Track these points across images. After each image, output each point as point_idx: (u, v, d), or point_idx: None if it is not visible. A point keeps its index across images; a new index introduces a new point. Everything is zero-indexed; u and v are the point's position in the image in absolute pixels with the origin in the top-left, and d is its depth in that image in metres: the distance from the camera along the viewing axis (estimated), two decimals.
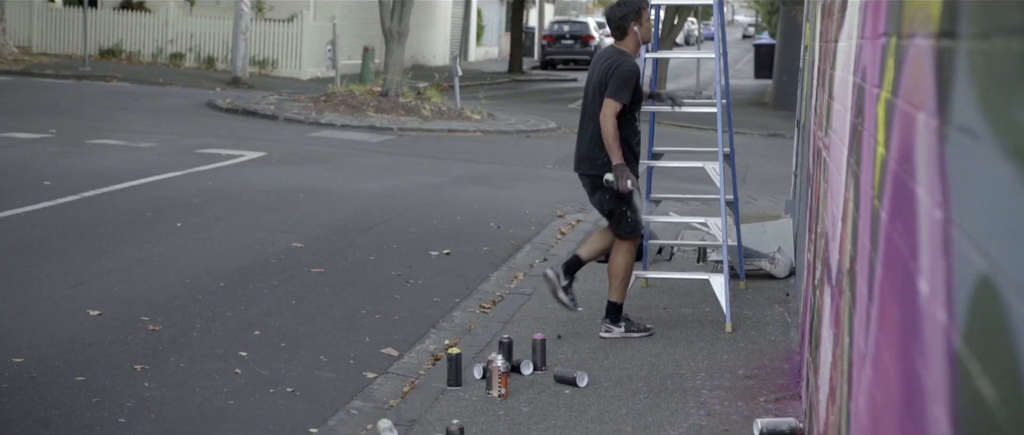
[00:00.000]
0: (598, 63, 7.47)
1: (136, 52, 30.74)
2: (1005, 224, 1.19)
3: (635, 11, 7.46)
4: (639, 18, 7.45)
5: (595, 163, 7.35)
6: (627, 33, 7.45)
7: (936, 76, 1.74)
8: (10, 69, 25.78)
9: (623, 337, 7.39)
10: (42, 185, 11.73)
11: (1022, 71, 1.16)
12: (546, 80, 41.27)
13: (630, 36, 7.46)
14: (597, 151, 7.35)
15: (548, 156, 17.34)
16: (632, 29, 7.44)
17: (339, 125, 19.72)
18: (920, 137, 1.85)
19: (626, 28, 7.44)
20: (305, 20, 30.72)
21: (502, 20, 56.38)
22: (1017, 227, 1.14)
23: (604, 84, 7.28)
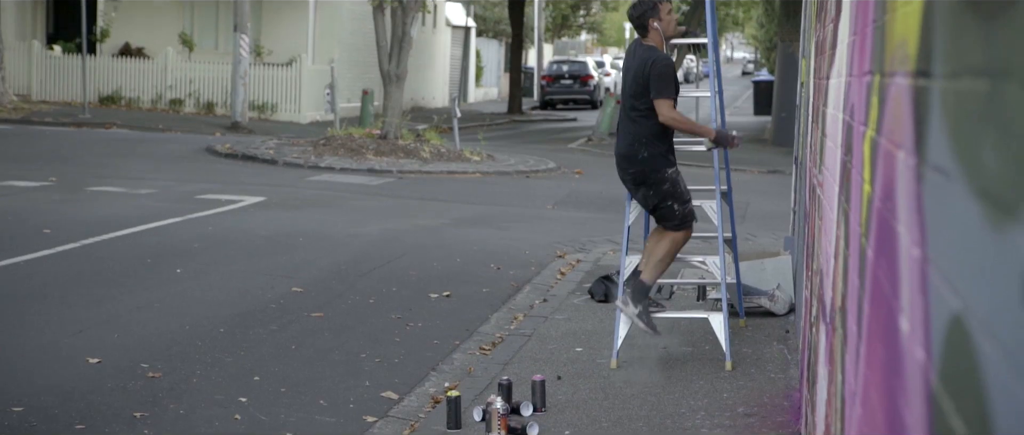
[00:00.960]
0: (630, 61, 7.69)
1: (135, 98, 30.84)
2: (974, 264, 1.20)
3: (652, 6, 7.60)
4: (657, 13, 7.60)
5: (635, 160, 7.52)
6: (649, 29, 7.61)
7: (913, 115, 1.75)
8: (10, 117, 25.86)
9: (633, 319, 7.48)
10: (42, 233, 11.75)
11: (988, 112, 1.18)
12: (545, 120, 41.37)
13: (652, 32, 7.61)
14: (637, 147, 7.53)
15: (548, 196, 17.37)
16: (652, 25, 7.58)
17: (338, 168, 19.76)
18: (900, 175, 1.86)
19: (647, 24, 7.61)
20: (304, 64, 30.84)
21: (501, 61, 56.59)
22: (984, 267, 1.15)
23: (641, 85, 7.46)
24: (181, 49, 31.85)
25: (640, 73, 7.49)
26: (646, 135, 7.47)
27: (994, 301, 1.11)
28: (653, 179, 7.48)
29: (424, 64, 41.64)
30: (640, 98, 7.50)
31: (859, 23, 3.20)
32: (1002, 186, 1.09)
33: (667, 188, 7.50)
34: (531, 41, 56.21)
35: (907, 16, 1.92)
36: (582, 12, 63.06)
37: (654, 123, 7.48)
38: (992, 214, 1.13)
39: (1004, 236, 1.08)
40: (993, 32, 1.17)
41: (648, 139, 7.48)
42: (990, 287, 1.13)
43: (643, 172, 7.50)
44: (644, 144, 7.48)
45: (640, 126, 7.50)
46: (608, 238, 13.24)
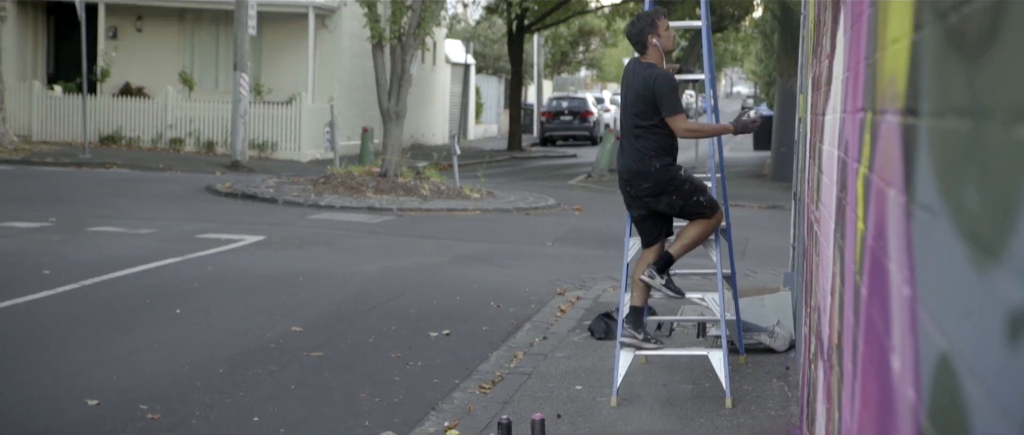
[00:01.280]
0: (629, 80, 7.77)
1: (136, 138, 30.89)
2: (960, 304, 1.20)
3: (650, 23, 7.68)
4: (655, 29, 7.68)
5: (649, 174, 7.68)
6: (648, 46, 7.68)
7: (903, 153, 1.75)
8: (10, 158, 25.89)
9: (660, 288, 7.73)
10: (41, 274, 11.74)
11: (970, 152, 1.17)
12: (545, 157, 41.42)
13: (651, 49, 7.69)
14: (648, 161, 7.68)
15: (547, 233, 17.37)
16: (651, 42, 7.66)
17: (338, 207, 19.77)
18: (891, 213, 1.86)
19: (645, 41, 7.68)
20: (304, 102, 30.91)
21: (500, 97, 56.72)
22: (969, 307, 1.15)
23: (646, 102, 7.55)
24: (181, 88, 31.93)
25: (644, 91, 7.60)
26: (654, 148, 7.63)
27: (978, 342, 1.11)
28: (673, 185, 7.69)
29: (424, 101, 41.74)
30: (644, 116, 7.62)
31: (852, 60, 3.21)
32: (984, 227, 1.09)
33: (688, 188, 7.75)
34: (530, 78, 56.36)
35: (896, 54, 1.93)
36: (581, 48, 63.24)
37: (661, 136, 7.62)
38: (976, 255, 1.13)
39: (987, 277, 1.07)
40: (975, 72, 1.18)
41: (657, 152, 7.64)
42: (974, 328, 1.13)
43: (661, 183, 7.67)
44: (654, 156, 7.65)
45: (646, 141, 7.65)
46: (608, 275, 13.23)
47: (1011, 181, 0.98)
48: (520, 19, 40.74)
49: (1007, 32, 1.04)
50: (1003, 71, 1.05)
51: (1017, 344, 0.95)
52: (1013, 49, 1.01)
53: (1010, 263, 0.98)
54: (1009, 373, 0.96)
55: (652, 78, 7.59)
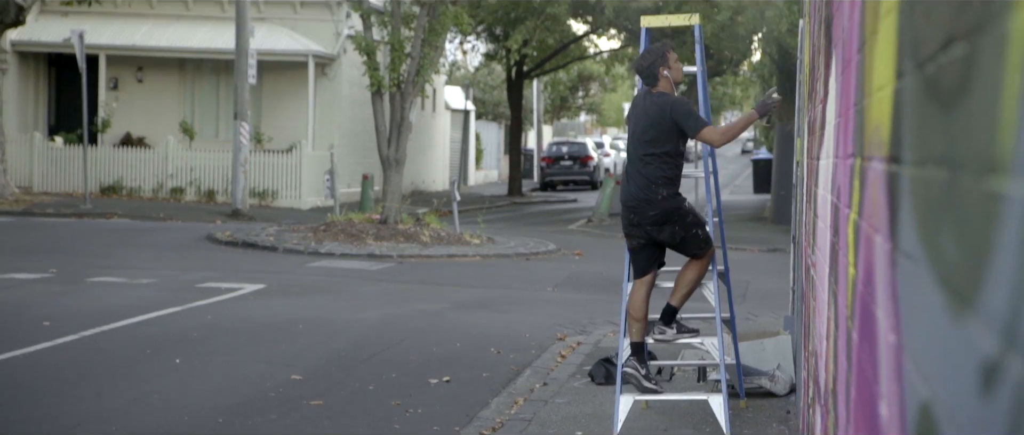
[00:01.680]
0: (639, 109, 7.88)
1: (137, 188, 30.95)
2: (939, 353, 1.20)
3: (661, 55, 7.84)
4: (666, 61, 7.84)
5: (655, 201, 7.76)
6: (659, 79, 7.82)
7: (888, 200, 1.76)
8: (11, 209, 25.92)
9: (674, 339, 7.83)
10: (41, 325, 11.73)
11: (947, 201, 1.18)
12: (545, 202, 41.48)
13: (662, 80, 7.83)
14: (655, 189, 7.77)
15: (548, 279, 17.36)
16: (662, 74, 7.82)
17: (339, 254, 19.77)
18: (878, 260, 1.87)
19: (656, 73, 7.83)
20: (304, 150, 30.99)
21: (500, 143, 56.85)
22: (947, 355, 1.15)
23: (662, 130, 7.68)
24: (182, 138, 32.02)
25: (660, 118, 7.72)
26: (661, 177, 7.74)
27: (956, 392, 1.11)
28: (676, 215, 7.78)
29: (424, 148, 41.84)
30: (656, 143, 7.73)
31: (843, 105, 3.22)
32: (960, 277, 1.09)
33: (690, 220, 7.87)
34: (530, 123, 56.52)
35: (881, 101, 1.94)
36: (581, 93, 63.45)
37: (668, 166, 7.75)
38: (953, 304, 1.13)
39: (962, 328, 1.08)
40: (950, 122, 1.18)
41: (664, 181, 7.74)
42: (953, 378, 1.13)
43: (666, 212, 7.76)
44: (661, 185, 7.75)
45: (654, 169, 7.76)
46: (608, 320, 13.21)
47: (983, 232, 0.99)
48: (519, 65, 40.91)
49: (978, 83, 1.04)
50: (975, 122, 1.05)
51: (990, 394, 0.95)
52: (984, 101, 1.02)
53: (983, 314, 0.98)
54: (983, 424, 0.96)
55: (668, 105, 7.73)
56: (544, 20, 35.11)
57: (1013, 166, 0.88)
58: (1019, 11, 0.87)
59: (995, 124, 0.96)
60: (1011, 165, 0.89)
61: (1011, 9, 0.90)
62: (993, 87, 0.98)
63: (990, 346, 0.95)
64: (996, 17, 0.96)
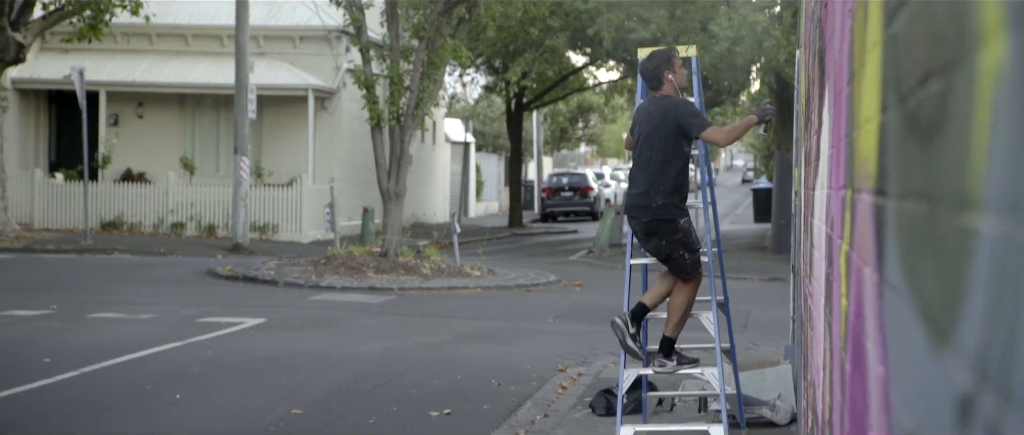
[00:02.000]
0: (644, 114, 7.85)
1: (137, 223, 30.97)
2: (921, 386, 1.21)
3: (666, 59, 7.82)
4: (671, 66, 7.81)
5: (649, 208, 7.70)
6: (663, 82, 7.79)
7: (875, 233, 1.77)
8: (12, 246, 25.92)
9: (674, 371, 7.79)
10: (42, 362, 11.71)
11: (928, 234, 1.19)
12: (546, 233, 41.48)
13: (666, 84, 7.80)
14: (652, 195, 7.73)
15: (548, 310, 17.34)
16: (667, 78, 7.79)
17: (339, 287, 19.76)
18: (867, 292, 1.87)
19: (661, 77, 7.80)
20: (304, 184, 31.02)
21: (501, 175, 56.89)
22: (929, 389, 1.16)
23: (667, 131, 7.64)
24: (182, 173, 32.07)
25: (665, 121, 7.66)
26: (662, 183, 7.67)
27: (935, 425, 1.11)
28: (666, 229, 7.70)
29: (424, 180, 41.87)
30: (660, 147, 7.67)
31: (835, 136, 3.23)
32: (938, 311, 1.10)
33: (679, 238, 7.75)
34: (530, 154, 56.59)
35: (868, 133, 1.95)
36: (580, 124, 63.55)
37: (671, 174, 7.67)
38: (932, 338, 1.14)
39: (940, 361, 1.08)
40: (929, 156, 1.19)
41: (664, 189, 7.68)
42: (934, 412, 1.13)
43: (655, 222, 7.71)
44: (659, 193, 7.70)
45: (655, 174, 7.70)
46: (609, 351, 13.19)
47: (958, 268, 0.99)
48: (518, 97, 40.99)
49: (952, 119, 1.05)
50: (950, 158, 1.06)
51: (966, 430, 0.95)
52: (957, 137, 1.02)
53: (958, 349, 0.99)
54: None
55: (671, 107, 7.72)
56: (543, 52, 35.20)
57: (983, 203, 0.88)
58: (988, 48, 0.88)
59: (967, 161, 0.97)
60: (982, 202, 0.89)
61: (980, 46, 0.91)
62: (965, 123, 0.99)
63: (965, 381, 0.95)
64: (967, 54, 0.97)
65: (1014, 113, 0.81)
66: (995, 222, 0.83)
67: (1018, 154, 0.79)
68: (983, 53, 0.91)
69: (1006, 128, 0.83)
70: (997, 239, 0.83)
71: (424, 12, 22.30)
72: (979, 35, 0.92)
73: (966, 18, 0.96)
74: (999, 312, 0.83)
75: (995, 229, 0.84)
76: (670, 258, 7.82)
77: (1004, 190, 0.81)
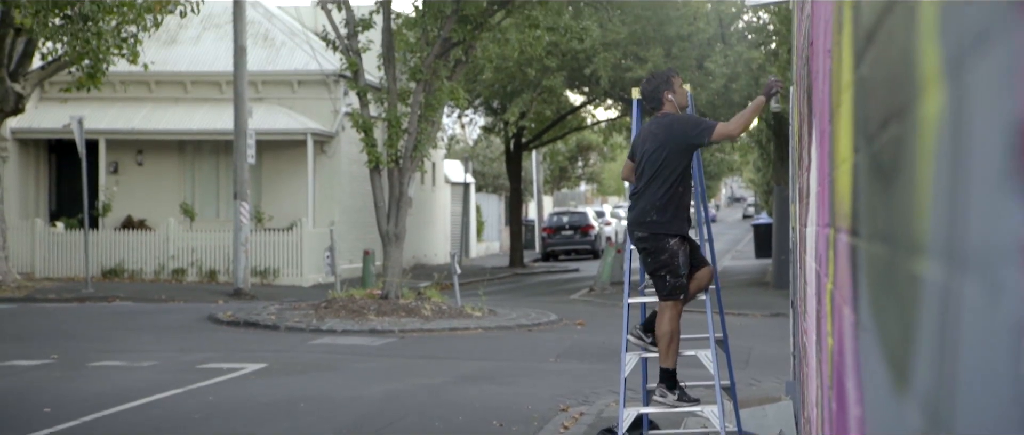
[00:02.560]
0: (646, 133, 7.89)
1: (138, 270, 30.98)
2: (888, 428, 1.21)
3: (665, 80, 7.89)
4: (671, 86, 7.88)
5: (644, 223, 7.84)
6: (663, 103, 7.85)
7: (851, 272, 1.78)
8: (13, 296, 25.92)
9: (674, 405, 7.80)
10: (42, 413, 11.69)
11: (890, 276, 1.20)
12: (547, 272, 41.45)
13: (666, 104, 7.86)
14: (648, 211, 7.81)
15: (550, 349, 17.32)
16: (667, 98, 7.86)
17: (340, 331, 19.74)
18: (846, 331, 1.88)
19: (660, 98, 7.87)
20: (304, 228, 31.05)
21: (501, 214, 56.94)
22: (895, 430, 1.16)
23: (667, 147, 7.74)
24: (182, 219, 32.11)
25: (667, 139, 7.78)
26: (657, 201, 7.73)
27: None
28: (655, 247, 7.77)
29: (425, 222, 41.91)
30: (661, 165, 7.74)
31: (821, 174, 3.25)
32: (900, 353, 1.11)
33: (665, 259, 7.80)
34: (530, 194, 56.65)
35: (844, 174, 1.96)
36: (580, 163, 63.64)
37: (668, 191, 7.72)
38: (895, 381, 1.15)
39: (900, 405, 1.09)
40: (888, 198, 1.20)
41: (662, 206, 7.73)
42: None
43: (647, 238, 7.76)
44: (655, 208, 7.77)
45: (654, 192, 7.78)
46: (611, 389, 13.17)
47: (911, 311, 1.00)
48: (517, 137, 41.08)
49: (905, 164, 1.07)
50: (904, 202, 1.08)
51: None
52: (909, 181, 1.04)
53: (913, 393, 0.99)
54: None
55: (674, 123, 7.79)
56: (541, 92, 35.31)
57: (928, 248, 0.90)
58: (928, 97, 0.89)
59: (914, 206, 0.98)
60: (927, 247, 0.91)
61: (922, 94, 0.92)
62: (914, 169, 1.00)
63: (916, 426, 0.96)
64: (913, 101, 0.98)
65: (950, 162, 0.82)
66: (937, 268, 0.84)
67: (953, 203, 0.80)
68: (925, 101, 0.92)
69: (944, 176, 0.84)
70: (938, 285, 0.84)
71: (420, 55, 22.38)
72: (921, 83, 0.93)
73: (912, 65, 0.98)
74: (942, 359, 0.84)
75: (937, 275, 0.85)
76: (655, 274, 7.92)
77: (943, 236, 0.82)
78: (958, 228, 0.78)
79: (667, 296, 7.89)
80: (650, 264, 7.87)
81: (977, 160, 0.73)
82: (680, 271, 7.87)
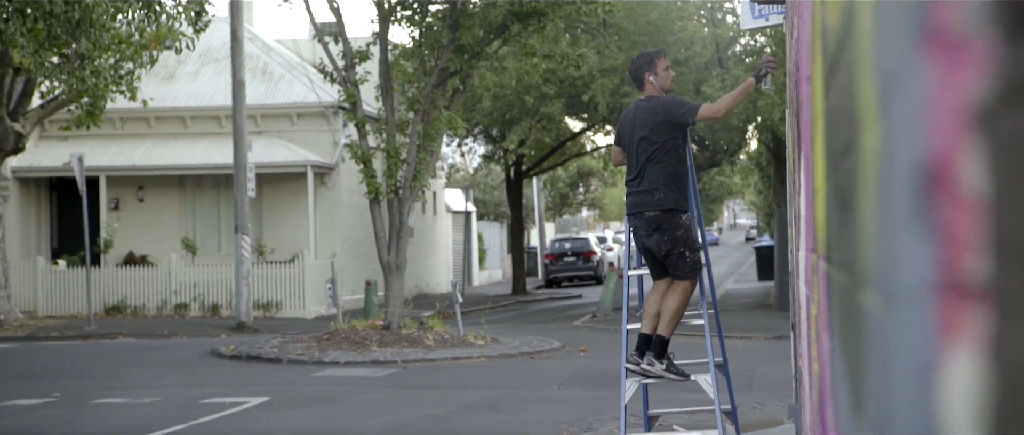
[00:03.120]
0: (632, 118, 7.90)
1: (141, 306, 30.98)
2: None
3: (648, 61, 7.91)
4: (653, 67, 7.89)
5: (652, 203, 7.71)
6: (645, 83, 7.87)
7: (827, 299, 1.79)
8: (16, 335, 25.92)
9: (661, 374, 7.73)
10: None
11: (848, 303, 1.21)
12: (550, 299, 41.43)
13: (648, 85, 7.88)
14: (652, 190, 7.78)
15: (553, 376, 17.30)
16: (648, 79, 7.88)
17: (343, 362, 19.73)
18: (825, 357, 1.89)
19: (643, 79, 7.90)
20: (306, 260, 31.07)
21: (503, 242, 56.96)
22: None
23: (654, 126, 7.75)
24: (184, 254, 32.13)
25: (651, 120, 7.77)
26: (662, 177, 7.70)
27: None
28: (669, 223, 7.71)
29: (426, 251, 41.91)
30: (653, 142, 7.73)
31: (808, 199, 3.27)
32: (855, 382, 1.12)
33: (681, 234, 7.76)
34: (532, 221, 56.67)
35: (820, 201, 1.98)
36: (581, 189, 63.69)
37: (669, 165, 7.72)
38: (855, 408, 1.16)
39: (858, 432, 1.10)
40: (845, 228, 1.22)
41: (664, 181, 7.71)
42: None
43: (659, 216, 7.70)
44: (659, 186, 7.72)
45: (655, 170, 7.76)
46: (614, 415, 13.13)
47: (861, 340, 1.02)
48: (517, 165, 41.12)
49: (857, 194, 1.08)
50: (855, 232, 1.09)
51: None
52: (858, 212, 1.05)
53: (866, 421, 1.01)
54: None
55: (657, 106, 7.81)
56: (539, 120, 35.37)
57: (871, 280, 0.91)
58: (867, 132, 0.91)
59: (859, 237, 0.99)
60: (870, 279, 0.92)
61: (863, 129, 0.94)
62: (860, 202, 1.02)
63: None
64: (857, 134, 1.00)
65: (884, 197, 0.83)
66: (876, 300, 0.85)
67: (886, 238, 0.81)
68: (865, 136, 0.93)
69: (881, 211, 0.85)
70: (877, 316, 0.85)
71: (418, 85, 22.44)
72: (862, 117, 0.95)
73: (855, 99, 0.99)
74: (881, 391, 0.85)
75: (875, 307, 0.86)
76: (670, 254, 7.84)
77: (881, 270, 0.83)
78: (889, 263, 0.79)
79: (689, 272, 7.88)
80: (666, 243, 7.82)
81: (897, 197, 0.74)
82: (696, 244, 7.90)
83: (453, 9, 22.02)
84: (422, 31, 22.53)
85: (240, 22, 26.45)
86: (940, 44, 0.58)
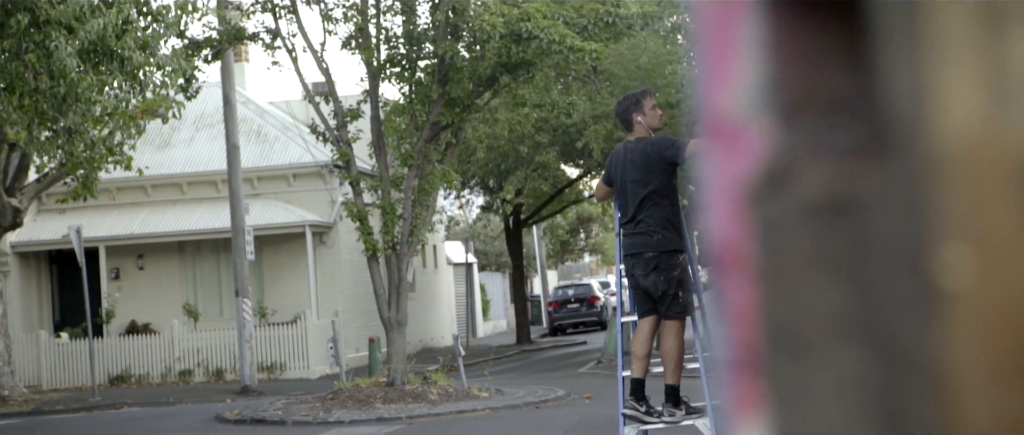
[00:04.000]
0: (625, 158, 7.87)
1: (145, 374, 30.94)
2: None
3: (635, 101, 7.89)
4: (640, 108, 7.87)
5: (650, 243, 7.69)
6: (633, 125, 7.84)
7: None
8: (20, 410, 25.86)
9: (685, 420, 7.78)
10: None
11: None
12: (555, 347, 41.39)
13: (636, 126, 7.86)
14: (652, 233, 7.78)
15: (558, 425, 17.26)
16: (636, 120, 7.84)
17: (347, 422, 19.68)
18: None
19: (631, 120, 7.87)
20: (308, 320, 31.06)
21: (506, 292, 56.94)
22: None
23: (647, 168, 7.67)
24: (186, 320, 32.13)
25: (644, 162, 7.76)
26: (659, 219, 7.72)
27: None
28: (666, 264, 7.70)
29: (429, 305, 41.90)
30: (648, 184, 7.72)
31: None
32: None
33: (677, 274, 7.78)
34: (534, 269, 56.68)
35: None
36: (582, 235, 63.74)
37: (665, 208, 7.73)
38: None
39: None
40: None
41: (662, 223, 7.72)
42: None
43: (657, 256, 7.71)
44: (659, 227, 7.76)
45: (653, 212, 7.76)
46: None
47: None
48: (515, 214, 41.19)
49: None
50: None
51: None
52: None
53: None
54: None
55: (648, 146, 7.81)
56: (535, 168, 35.47)
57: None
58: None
59: None
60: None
61: None
62: None
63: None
64: None
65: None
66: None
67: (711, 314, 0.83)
68: None
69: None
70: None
71: (411, 141, 22.53)
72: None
73: None
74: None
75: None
76: (665, 294, 7.84)
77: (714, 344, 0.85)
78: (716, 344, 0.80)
79: (680, 313, 7.90)
80: (662, 283, 7.83)
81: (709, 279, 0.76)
82: (690, 286, 7.93)
83: (442, 64, 22.13)
84: (412, 87, 22.65)
85: (232, 86, 26.61)
86: (718, 131, 0.60)
